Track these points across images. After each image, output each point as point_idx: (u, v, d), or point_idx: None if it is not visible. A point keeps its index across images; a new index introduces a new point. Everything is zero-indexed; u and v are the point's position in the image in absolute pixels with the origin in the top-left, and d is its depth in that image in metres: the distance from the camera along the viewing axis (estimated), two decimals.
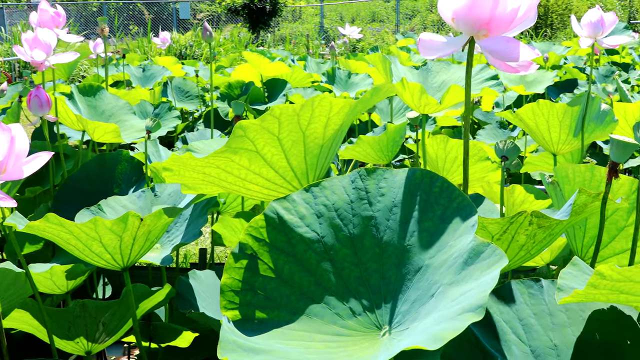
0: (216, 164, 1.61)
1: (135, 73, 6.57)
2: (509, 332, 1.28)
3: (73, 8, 25.14)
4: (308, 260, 1.28)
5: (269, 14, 19.28)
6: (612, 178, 1.44)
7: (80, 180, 2.93)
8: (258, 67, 5.90)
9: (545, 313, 1.32)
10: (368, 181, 1.31)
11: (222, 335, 1.10)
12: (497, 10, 1.28)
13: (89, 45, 6.36)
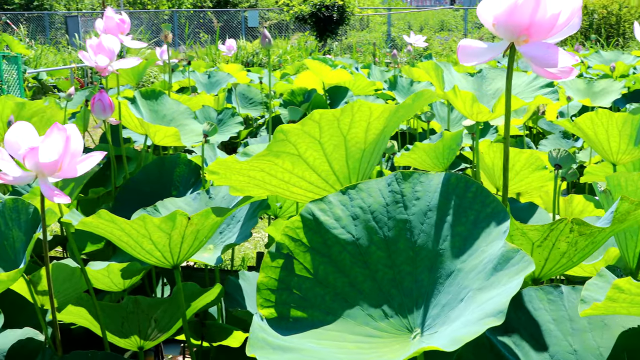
0: (260, 167, 1.65)
1: (200, 79, 6.71)
2: (526, 337, 1.28)
3: (145, 16, 25.79)
4: (343, 261, 1.30)
5: (336, 23, 19.37)
6: None
7: (140, 182, 3.02)
8: (320, 74, 5.95)
9: (565, 319, 1.31)
10: (404, 184, 1.32)
11: (251, 332, 1.14)
12: (536, 16, 1.28)
13: (157, 53, 6.52)
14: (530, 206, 2.51)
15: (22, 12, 23.92)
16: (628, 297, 1.03)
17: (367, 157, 1.67)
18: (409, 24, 27.22)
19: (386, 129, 1.64)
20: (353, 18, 23.47)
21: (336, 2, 18.98)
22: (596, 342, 1.29)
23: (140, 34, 18.90)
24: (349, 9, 19.45)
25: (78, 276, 1.96)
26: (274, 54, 14.43)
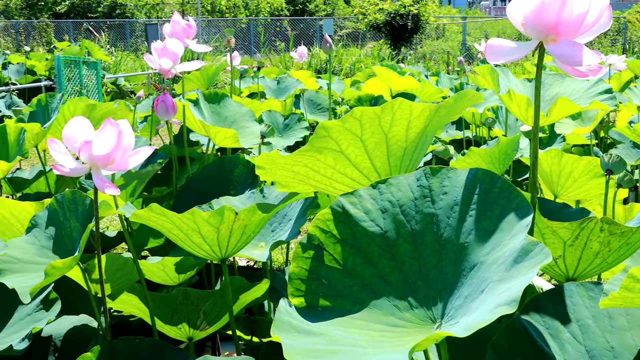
0: (304, 163, 1.70)
1: (270, 85, 6.82)
2: (563, 331, 1.29)
3: (223, 24, 26.30)
4: (371, 253, 1.34)
5: (410, 31, 19.34)
6: None
7: (200, 181, 3.11)
8: (387, 81, 5.98)
9: (603, 315, 1.31)
10: (432, 179, 1.35)
11: (277, 316, 1.18)
12: (563, 14, 1.29)
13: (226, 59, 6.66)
14: (582, 212, 2.48)
15: (105, 20, 24.77)
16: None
17: (409, 156, 1.70)
18: (486, 32, 26.91)
19: (428, 129, 1.67)
20: (428, 27, 23.37)
21: (411, 10, 18.96)
22: (634, 341, 1.28)
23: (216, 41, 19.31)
24: (424, 17, 19.39)
25: (130, 266, 2.05)
26: (347, 61, 14.51)
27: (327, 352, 1.12)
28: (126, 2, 26.82)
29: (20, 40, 22.77)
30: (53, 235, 2.04)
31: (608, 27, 1.39)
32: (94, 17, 25.74)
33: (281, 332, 1.15)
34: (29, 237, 2.03)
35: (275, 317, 1.18)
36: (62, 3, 26.30)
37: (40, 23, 23.09)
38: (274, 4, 30.43)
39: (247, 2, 29.04)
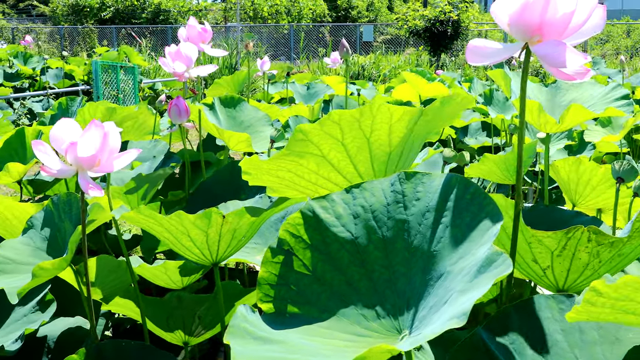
0: (287, 168, 1.66)
1: (300, 91, 6.81)
2: (529, 346, 1.23)
3: (265, 30, 26.46)
4: (341, 259, 1.30)
5: (450, 38, 19.16)
6: None
7: (212, 185, 3.10)
8: (416, 87, 5.91)
9: (574, 330, 1.25)
10: (406, 185, 1.31)
11: (232, 322, 1.15)
12: (547, 15, 1.23)
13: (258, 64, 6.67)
14: (593, 221, 2.40)
15: (148, 25, 25.11)
16: (608, 301, 0.97)
17: (394, 161, 1.65)
18: None
19: (414, 133, 1.62)
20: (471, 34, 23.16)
21: (451, 17, 18.79)
22: (604, 357, 1.22)
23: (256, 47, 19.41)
24: (464, 24, 19.20)
25: (124, 269, 2.04)
26: (386, 68, 14.44)
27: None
28: (169, 8, 27.14)
29: (64, 45, 23.19)
30: (48, 237, 2.04)
31: (601, 29, 1.34)
32: (137, 23, 26.10)
33: (234, 338, 1.12)
34: (24, 238, 2.04)
35: (230, 323, 1.14)
36: (107, 9, 26.73)
37: (84, 29, 23.48)
38: (317, 10, 30.49)
39: (289, 9, 29.15)
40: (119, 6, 26.81)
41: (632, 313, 1.00)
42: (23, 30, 23.99)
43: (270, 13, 28.47)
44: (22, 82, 9.66)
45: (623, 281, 0.94)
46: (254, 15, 28.21)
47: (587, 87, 2.75)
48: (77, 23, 26.37)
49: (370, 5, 34.70)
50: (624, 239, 1.41)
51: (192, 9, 28.17)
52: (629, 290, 0.94)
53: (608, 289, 0.95)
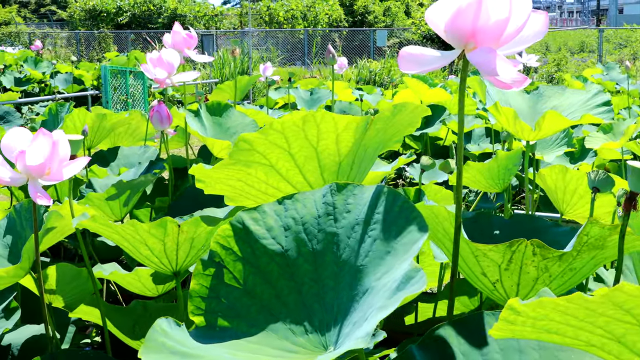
0: (237, 177, 1.64)
1: (303, 96, 6.79)
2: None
3: (281, 35, 26.51)
4: (270, 272, 1.27)
5: None
6: (630, 209, 1.29)
7: (196, 192, 3.08)
8: (418, 92, 5.88)
9: (514, 349, 1.21)
10: (337, 196, 1.28)
11: (149, 335, 1.12)
12: (479, 22, 1.20)
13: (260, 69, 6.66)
14: (571, 231, 2.35)
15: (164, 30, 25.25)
16: (527, 320, 0.93)
17: (346, 170, 1.62)
18: (547, 44, 26.40)
19: (365, 142, 1.59)
20: None
21: None
22: None
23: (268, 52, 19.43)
24: None
25: (85, 277, 2.02)
26: (397, 73, 14.37)
27: None
28: (186, 13, 27.26)
29: (81, 50, 23.37)
30: (10, 244, 2.03)
31: (542, 36, 1.30)
32: (154, 28, 26.24)
33: (150, 352, 1.09)
34: None
35: (146, 337, 1.12)
36: (124, 14, 26.91)
37: (100, 34, 23.64)
38: (333, 15, 30.48)
39: (305, 14, 29.16)
40: (136, 11, 26.98)
41: (555, 333, 0.96)
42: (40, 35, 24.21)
43: (286, 18, 28.50)
44: (33, 86, 9.73)
45: (539, 301, 0.90)
46: (270, 20, 28.26)
47: (570, 95, 2.70)
48: (94, 28, 26.55)
49: (387, 10, 34.63)
50: (573, 253, 1.37)
51: (208, 14, 28.27)
52: (547, 310, 0.90)
53: (525, 308, 0.91)
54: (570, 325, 0.92)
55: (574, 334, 0.94)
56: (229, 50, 14.81)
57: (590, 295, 0.83)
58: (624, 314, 0.84)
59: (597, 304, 0.84)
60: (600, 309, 0.85)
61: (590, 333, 0.93)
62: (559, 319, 0.91)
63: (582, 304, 0.84)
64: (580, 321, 0.90)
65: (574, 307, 0.86)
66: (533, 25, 1.28)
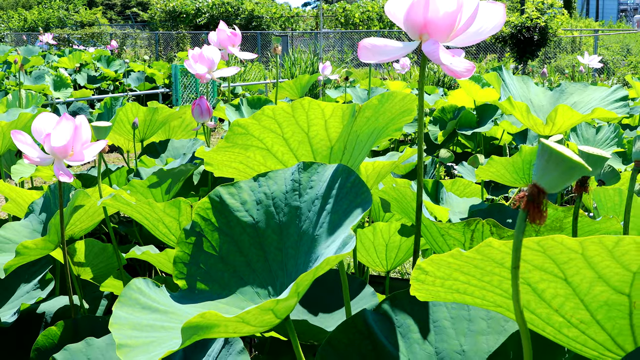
0: (238, 160, 1.78)
1: (360, 95, 6.91)
2: (415, 331, 1.29)
3: (356, 37, 26.64)
4: (242, 242, 1.41)
5: (537, 44, 18.75)
6: (582, 193, 1.37)
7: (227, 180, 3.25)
8: (470, 92, 5.91)
9: (463, 318, 1.30)
10: (303, 174, 1.40)
11: (123, 292, 1.27)
12: (429, 14, 1.31)
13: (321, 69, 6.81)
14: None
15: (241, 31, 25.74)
16: (437, 280, 1.03)
17: (338, 155, 1.74)
18: (628, 47, 25.65)
19: (356, 129, 1.70)
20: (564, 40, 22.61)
21: (538, 23, 18.40)
22: (488, 346, 1.28)
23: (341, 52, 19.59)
24: (551, 30, 18.75)
25: (110, 252, 2.20)
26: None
27: (151, 327, 1.20)
28: (262, 14, 27.75)
29: (159, 50, 24.12)
30: (44, 220, 2.23)
31: (498, 29, 1.39)
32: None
33: (122, 307, 1.24)
34: (24, 221, 2.24)
35: (121, 293, 1.27)
36: (203, 15, 27.60)
37: (178, 34, 24.34)
38: None
39: (381, 15, 29.22)
40: (214, 13, 27.63)
41: (464, 293, 1.06)
42: (121, 36, 25.08)
43: (361, 19, 28.64)
44: (108, 83, 10.16)
45: (440, 258, 0.99)
46: (345, 21, 28.46)
47: (592, 91, 2.74)
48: (174, 29, 27.33)
49: None
50: (532, 234, 1.46)
51: (285, 15, 28.71)
52: (451, 269, 1.00)
53: (432, 268, 1.01)
54: (473, 285, 1.02)
55: (480, 294, 1.04)
56: (302, 51, 15.10)
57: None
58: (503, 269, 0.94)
59: (483, 262, 0.94)
60: (489, 267, 0.95)
61: (492, 293, 1.02)
62: (462, 278, 1.01)
63: (465, 260, 0.94)
64: (479, 280, 1.00)
65: (468, 266, 0.97)
66: (490, 17, 1.37)
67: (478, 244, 1.48)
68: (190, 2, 28.11)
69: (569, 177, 0.77)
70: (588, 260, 0.86)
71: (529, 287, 0.95)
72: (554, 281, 0.92)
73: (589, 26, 29.00)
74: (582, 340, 1.00)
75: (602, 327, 0.96)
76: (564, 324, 0.98)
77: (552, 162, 0.76)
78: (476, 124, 5.89)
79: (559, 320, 0.98)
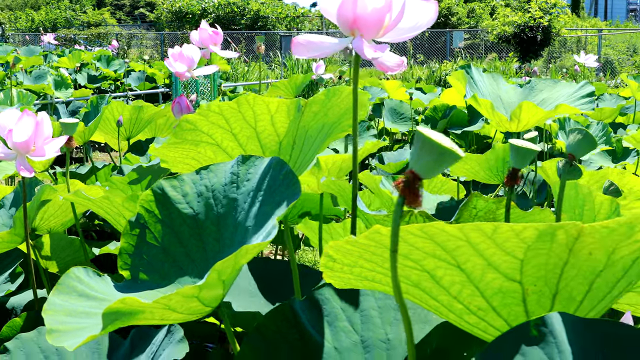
0: (190, 156, 1.82)
1: None
2: (342, 319, 1.32)
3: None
4: (182, 233, 1.45)
5: (540, 44, 18.72)
6: (513, 185, 1.40)
7: None
8: (460, 91, 5.91)
9: (390, 307, 1.33)
10: (241, 167, 1.44)
11: (62, 279, 1.31)
12: (357, 9, 1.33)
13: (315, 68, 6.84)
14: None
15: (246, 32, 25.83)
16: (345, 267, 1.06)
17: (287, 150, 1.77)
18: (634, 46, 25.58)
19: (305, 124, 1.73)
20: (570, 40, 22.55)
21: (541, 23, 18.38)
22: (414, 335, 1.31)
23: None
24: (554, 30, 18.72)
25: (77, 246, 2.25)
26: None
27: (86, 314, 1.24)
28: (268, 14, 27.82)
29: (164, 50, 24.19)
30: (13, 215, 2.27)
31: (429, 24, 1.42)
32: (237, 29, 26.92)
33: (60, 294, 1.28)
34: None
35: (59, 281, 1.31)
36: (209, 15, 27.70)
37: (183, 34, 24.44)
38: None
39: None
40: (220, 13, 27.72)
41: (373, 281, 1.09)
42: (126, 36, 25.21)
43: None
44: (110, 83, 10.23)
45: (338, 244, 1.00)
46: None
47: (561, 88, 2.77)
48: (180, 29, 27.45)
49: (472, 12, 34.30)
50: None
51: (290, 15, 28.76)
52: (355, 256, 1.03)
53: (338, 255, 1.04)
54: (379, 272, 1.05)
55: (386, 281, 1.07)
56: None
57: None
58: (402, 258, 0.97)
59: (378, 249, 0.97)
60: (385, 254, 0.98)
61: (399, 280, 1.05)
62: (367, 265, 1.04)
63: (361, 247, 0.97)
64: (381, 267, 1.03)
65: (367, 253, 1.00)
66: (423, 13, 1.40)
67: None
68: (197, 2, 28.22)
69: (441, 163, 0.80)
70: (475, 247, 0.89)
71: (427, 274, 0.98)
72: (449, 268, 0.95)
73: (595, 26, 28.89)
74: (482, 327, 1.03)
75: (498, 313, 0.99)
76: (464, 311, 1.01)
77: (424, 148, 0.80)
78: (467, 123, 5.91)
79: (459, 307, 1.01)
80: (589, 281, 0.94)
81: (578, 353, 0.84)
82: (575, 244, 0.86)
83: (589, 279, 0.93)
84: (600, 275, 0.93)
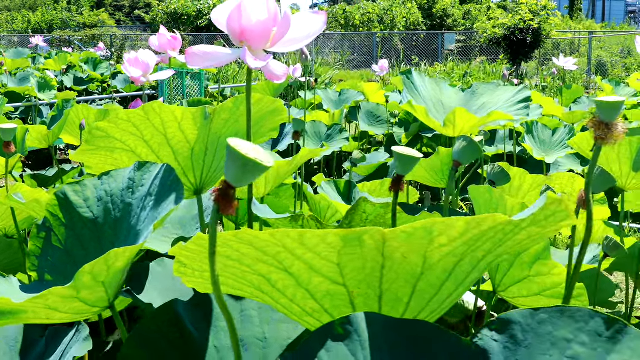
0: (109, 162, 1.89)
1: (331, 97, 7.01)
2: (223, 319, 1.39)
3: (357, 38, 26.78)
4: (84, 236, 1.52)
5: (530, 46, 18.79)
6: (397, 190, 1.47)
7: None
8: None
9: (269, 308, 1.40)
10: (137, 173, 1.51)
11: None
12: (242, 21, 1.40)
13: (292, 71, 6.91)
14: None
15: None
16: (196, 272, 1.11)
17: (200, 156, 1.84)
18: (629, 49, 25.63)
19: (216, 131, 1.80)
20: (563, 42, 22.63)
21: (531, 25, 18.44)
22: (288, 333, 1.37)
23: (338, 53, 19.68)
24: (544, 32, 18.78)
25: (16, 248, 2.32)
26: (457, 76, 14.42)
27: None
28: None
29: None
30: None
31: (319, 33, 1.49)
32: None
33: None
34: None
35: None
36: (204, 17, 27.78)
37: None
38: (410, 19, 30.48)
39: (382, 17, 29.30)
40: None
41: (225, 284, 1.11)
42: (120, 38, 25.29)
43: (362, 21, 28.73)
44: (97, 85, 10.30)
45: (176, 250, 1.06)
46: (346, 23, 28.56)
47: (501, 92, 2.83)
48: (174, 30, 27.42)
49: (467, 13, 34.38)
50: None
51: None
52: (201, 262, 1.08)
53: (187, 261, 1.10)
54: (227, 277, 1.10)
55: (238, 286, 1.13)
56: (298, 52, 15.20)
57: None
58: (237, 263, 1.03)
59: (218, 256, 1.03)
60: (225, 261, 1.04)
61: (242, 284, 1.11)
62: (221, 273, 1.11)
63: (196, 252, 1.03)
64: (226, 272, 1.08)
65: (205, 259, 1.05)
66: (311, 24, 1.47)
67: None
68: (192, 4, 28.30)
69: (247, 172, 0.86)
70: (292, 252, 0.95)
71: (264, 278, 1.04)
72: (279, 273, 1.01)
73: (589, 28, 28.98)
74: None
75: (331, 315, 1.06)
76: (303, 313, 1.08)
77: (231, 159, 0.86)
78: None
79: (298, 309, 1.08)
80: (412, 284, 1.00)
81: (382, 349, 0.90)
82: (384, 248, 0.93)
83: (411, 281, 1.00)
84: (421, 279, 1.00)
